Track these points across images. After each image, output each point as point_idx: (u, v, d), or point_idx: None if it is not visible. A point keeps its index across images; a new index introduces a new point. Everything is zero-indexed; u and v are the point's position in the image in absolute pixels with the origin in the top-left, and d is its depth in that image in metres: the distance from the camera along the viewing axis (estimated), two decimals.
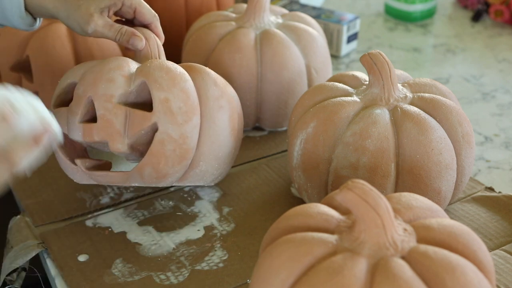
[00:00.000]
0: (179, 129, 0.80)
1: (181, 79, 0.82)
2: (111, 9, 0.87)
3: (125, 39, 0.87)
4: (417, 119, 0.80)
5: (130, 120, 0.80)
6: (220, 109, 0.85)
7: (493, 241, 0.86)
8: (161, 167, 0.81)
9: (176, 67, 0.84)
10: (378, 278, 0.55)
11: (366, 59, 0.84)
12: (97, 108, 0.80)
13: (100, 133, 0.80)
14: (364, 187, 0.59)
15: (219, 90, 0.86)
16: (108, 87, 0.80)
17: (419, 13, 1.57)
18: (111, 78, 0.81)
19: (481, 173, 1.02)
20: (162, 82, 0.81)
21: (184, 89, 0.82)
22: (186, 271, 0.82)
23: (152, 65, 0.83)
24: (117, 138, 0.80)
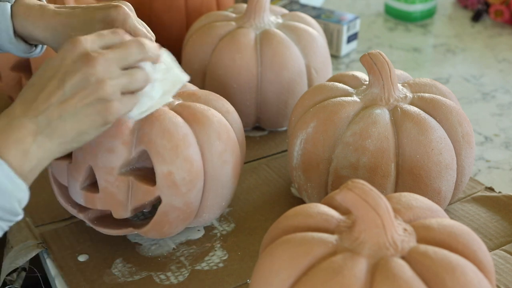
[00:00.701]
0: (183, 199, 0.79)
1: (184, 145, 0.77)
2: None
3: None
4: (417, 119, 0.80)
5: (133, 191, 0.78)
6: (224, 164, 0.81)
7: (493, 241, 0.86)
8: (165, 230, 0.82)
9: (178, 127, 0.78)
10: (378, 278, 0.55)
11: (366, 59, 0.84)
12: (99, 180, 0.77)
13: (103, 204, 0.79)
14: (364, 187, 0.59)
15: (222, 143, 0.81)
16: (109, 159, 0.76)
17: (419, 13, 1.57)
18: (111, 148, 0.76)
19: (481, 173, 1.02)
20: (164, 154, 0.76)
21: (188, 158, 0.77)
22: (186, 271, 0.82)
23: (153, 130, 0.77)
24: (120, 207, 0.79)
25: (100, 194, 0.78)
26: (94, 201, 0.79)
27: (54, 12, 0.80)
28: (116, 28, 0.73)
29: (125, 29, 0.78)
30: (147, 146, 0.77)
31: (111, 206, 0.79)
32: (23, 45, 0.83)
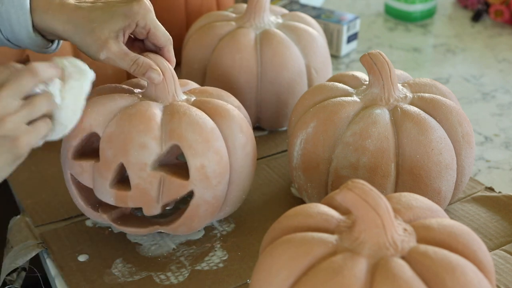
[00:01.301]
0: (213, 192, 0.80)
1: (213, 138, 0.79)
2: (125, 32, 0.81)
3: (141, 72, 0.81)
4: (417, 119, 0.80)
5: (166, 186, 0.78)
6: (246, 156, 0.83)
7: (493, 241, 0.86)
8: (194, 225, 0.83)
9: (205, 121, 0.79)
10: (378, 278, 0.55)
11: (366, 59, 0.84)
12: (131, 178, 0.77)
13: (135, 201, 0.79)
14: (364, 187, 0.59)
15: (244, 136, 0.82)
16: (141, 155, 0.76)
17: (419, 13, 1.57)
18: (143, 144, 0.76)
19: (481, 173, 1.02)
20: (196, 147, 0.77)
21: (218, 150, 0.79)
22: (186, 271, 0.82)
23: (182, 125, 0.78)
24: (151, 204, 0.79)
25: (132, 191, 0.78)
26: (126, 199, 0.79)
27: (75, 6, 0.80)
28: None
29: (146, 23, 0.81)
30: (178, 141, 0.77)
31: (143, 202, 0.79)
32: (40, 41, 0.82)
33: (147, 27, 0.82)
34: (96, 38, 0.79)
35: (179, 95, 0.84)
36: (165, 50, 0.84)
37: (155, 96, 0.82)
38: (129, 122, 0.78)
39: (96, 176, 0.79)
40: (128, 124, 0.77)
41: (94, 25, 0.79)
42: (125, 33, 0.81)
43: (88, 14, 0.80)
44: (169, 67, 0.83)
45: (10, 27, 0.80)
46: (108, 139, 0.78)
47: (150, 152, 0.77)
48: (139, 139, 0.76)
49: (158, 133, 0.77)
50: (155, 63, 0.82)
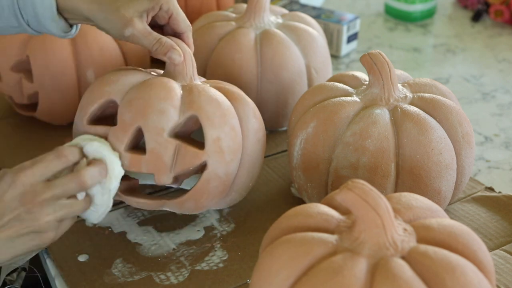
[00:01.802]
0: (225, 167, 0.81)
1: (230, 115, 0.81)
2: (149, 14, 0.83)
3: (163, 51, 0.83)
4: (417, 119, 0.80)
5: (180, 155, 0.79)
6: (257, 142, 0.85)
7: (493, 241, 0.86)
8: (202, 201, 0.83)
9: (223, 99, 0.82)
10: (378, 278, 0.55)
11: (366, 59, 0.84)
12: (148, 141, 0.78)
13: (149, 166, 0.79)
14: (364, 187, 0.59)
15: (257, 122, 0.85)
16: (160, 120, 0.78)
17: (419, 13, 1.57)
18: (162, 109, 0.78)
19: (481, 173, 1.02)
20: (214, 119, 0.79)
21: (233, 127, 0.81)
22: (186, 271, 0.82)
23: (201, 98, 0.80)
24: (164, 172, 0.79)
25: (147, 155, 0.78)
26: (140, 163, 0.79)
27: None
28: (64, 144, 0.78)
29: (169, 8, 0.83)
30: (197, 111, 0.79)
31: (156, 168, 0.79)
32: (63, 24, 0.83)
33: (170, 12, 0.84)
34: (121, 16, 0.81)
35: (195, 79, 0.86)
36: (185, 36, 0.87)
37: (173, 76, 0.84)
38: (150, 89, 0.80)
39: (111, 141, 0.80)
40: (149, 91, 0.79)
41: (118, 4, 0.81)
42: (148, 15, 0.83)
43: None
44: (189, 50, 0.86)
45: (33, 10, 0.81)
46: (128, 103, 0.79)
47: (168, 118, 0.78)
48: (159, 105, 0.78)
49: (178, 103, 0.79)
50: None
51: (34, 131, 1.13)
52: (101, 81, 0.83)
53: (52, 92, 1.06)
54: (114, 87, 0.81)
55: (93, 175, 0.74)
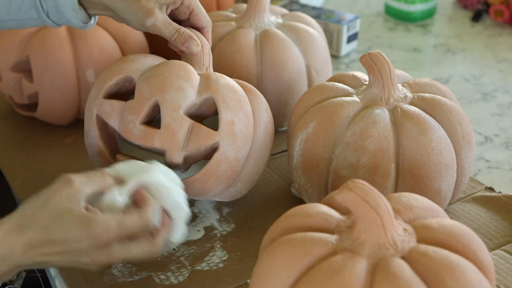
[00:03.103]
0: (236, 152, 0.82)
1: (245, 103, 0.83)
2: (169, 7, 0.85)
3: (181, 41, 0.85)
4: (417, 119, 0.80)
5: (193, 134, 0.80)
6: (267, 136, 0.87)
7: (493, 241, 0.86)
8: (209, 185, 0.83)
9: (238, 88, 0.84)
10: (378, 278, 0.55)
11: (366, 59, 0.84)
12: (163, 116, 0.79)
13: (162, 141, 0.79)
14: (364, 187, 0.59)
15: (268, 115, 0.87)
16: (178, 96, 0.79)
17: (419, 13, 1.57)
18: (181, 87, 0.80)
19: (481, 173, 1.02)
20: (230, 103, 0.81)
21: (247, 113, 0.83)
22: (186, 271, 0.82)
23: (219, 82, 0.82)
24: (176, 149, 0.80)
25: (162, 130, 0.79)
26: (153, 137, 0.79)
27: None
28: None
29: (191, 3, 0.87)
30: (214, 93, 0.81)
31: (169, 144, 0.80)
32: (83, 14, 0.85)
33: (191, 7, 0.86)
34: (142, 6, 0.83)
35: (211, 71, 0.87)
36: (205, 31, 0.89)
37: (191, 64, 0.86)
38: (170, 67, 0.82)
39: (126, 115, 0.81)
40: (169, 69, 0.81)
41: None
42: (168, 8, 0.85)
43: None
44: (207, 43, 0.88)
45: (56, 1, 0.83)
46: (146, 79, 0.81)
47: (186, 96, 0.80)
48: (178, 82, 0.80)
49: (196, 83, 0.82)
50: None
51: (34, 131, 1.13)
52: (120, 60, 0.85)
53: (52, 92, 1.06)
54: (133, 65, 0.83)
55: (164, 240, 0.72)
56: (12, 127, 1.15)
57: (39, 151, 1.07)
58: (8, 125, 1.16)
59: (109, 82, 0.83)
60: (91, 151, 0.86)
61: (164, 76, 0.80)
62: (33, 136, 1.12)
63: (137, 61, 0.84)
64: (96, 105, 0.83)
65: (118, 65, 0.84)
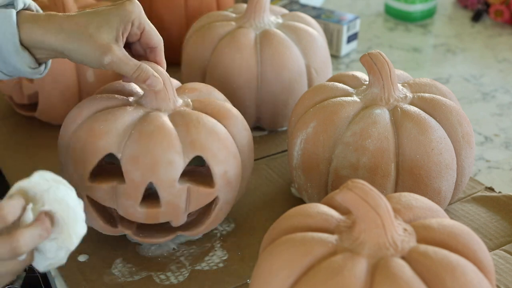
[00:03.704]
0: (233, 193, 0.83)
1: (229, 143, 0.80)
2: (124, 35, 0.78)
3: (143, 78, 0.79)
4: (417, 119, 0.80)
5: (193, 196, 0.79)
6: (250, 152, 0.86)
7: (493, 241, 0.86)
8: (212, 226, 0.86)
9: (218, 127, 0.80)
10: (378, 278, 0.55)
11: (366, 59, 0.84)
12: (162, 195, 0.77)
13: (166, 216, 0.80)
14: (364, 187, 0.59)
15: (247, 132, 0.85)
16: (170, 171, 0.76)
17: (419, 13, 1.57)
18: (170, 160, 0.76)
19: (481, 173, 1.02)
20: (219, 155, 0.79)
21: (235, 155, 0.81)
22: (186, 271, 0.82)
23: (201, 135, 0.78)
24: (180, 216, 0.80)
25: (164, 207, 0.79)
26: (157, 216, 0.79)
27: (64, 15, 0.77)
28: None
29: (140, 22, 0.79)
30: (202, 152, 0.78)
31: (173, 216, 0.80)
32: (28, 58, 0.77)
33: (142, 26, 0.80)
34: (98, 44, 0.76)
35: (177, 100, 0.83)
36: (158, 50, 0.83)
37: (156, 105, 0.81)
38: (150, 140, 0.76)
39: (122, 198, 0.78)
40: (150, 143, 0.76)
41: (90, 31, 0.76)
42: (123, 37, 0.78)
43: (81, 20, 0.77)
44: (166, 73, 0.82)
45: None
46: (133, 160, 0.76)
47: (176, 167, 0.77)
48: (166, 157, 0.76)
49: (180, 147, 0.77)
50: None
51: (34, 131, 1.13)
52: (91, 135, 0.77)
53: (52, 92, 1.06)
54: (108, 139, 0.77)
55: (31, 239, 0.61)
56: (12, 127, 1.15)
57: (39, 151, 1.07)
58: (8, 125, 1.16)
59: (90, 167, 0.77)
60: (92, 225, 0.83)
61: (150, 154, 0.76)
62: (33, 136, 1.12)
63: (110, 133, 0.77)
64: (85, 189, 0.79)
65: (92, 144, 0.77)
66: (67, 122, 0.82)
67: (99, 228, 0.83)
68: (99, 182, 0.79)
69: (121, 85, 0.87)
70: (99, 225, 0.83)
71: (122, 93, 0.85)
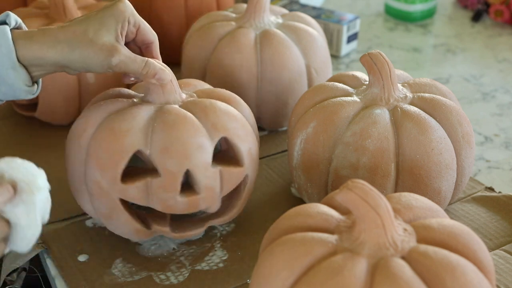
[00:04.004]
0: (256, 171, 0.85)
1: (245, 122, 0.83)
2: (122, 34, 0.78)
3: (152, 73, 0.78)
4: (417, 119, 0.80)
5: (225, 178, 0.80)
6: (256, 130, 0.87)
7: (493, 241, 0.86)
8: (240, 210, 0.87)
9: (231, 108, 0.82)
10: (378, 278, 0.55)
11: (366, 59, 0.84)
12: (199, 180, 0.78)
13: (206, 202, 0.80)
14: (364, 187, 0.59)
15: (251, 112, 0.87)
16: (202, 155, 0.77)
17: (419, 13, 1.57)
18: (200, 144, 0.77)
19: (481, 173, 1.02)
20: (241, 134, 0.81)
21: (251, 132, 0.83)
22: (186, 271, 0.82)
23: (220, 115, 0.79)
24: (216, 200, 0.81)
25: (204, 193, 0.79)
26: (197, 203, 0.79)
27: (58, 27, 0.77)
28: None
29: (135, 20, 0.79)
30: (225, 133, 0.79)
31: (211, 201, 0.80)
32: (25, 74, 0.75)
33: (137, 24, 0.80)
34: (100, 47, 0.75)
35: (181, 93, 0.84)
36: (154, 46, 0.83)
37: (164, 99, 0.81)
38: (176, 129, 0.77)
39: (159, 192, 0.77)
40: (177, 131, 0.76)
41: (90, 36, 0.75)
42: (122, 35, 0.78)
43: (77, 28, 0.76)
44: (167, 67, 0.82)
45: None
46: (164, 151, 0.76)
47: (207, 150, 0.78)
48: (196, 141, 0.77)
49: (204, 131, 0.78)
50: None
51: (34, 131, 1.13)
52: (113, 136, 0.76)
53: (52, 92, 1.06)
54: (133, 136, 0.76)
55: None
56: (12, 127, 1.15)
57: (39, 151, 1.07)
58: (8, 125, 1.16)
59: (119, 169, 0.76)
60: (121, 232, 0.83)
61: (180, 142, 0.76)
62: (33, 136, 1.12)
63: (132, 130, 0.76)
64: (118, 192, 0.77)
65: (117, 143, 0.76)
66: (76, 133, 0.81)
67: (134, 234, 0.82)
68: (131, 182, 0.78)
69: (117, 91, 0.86)
70: (134, 229, 0.81)
71: (122, 96, 0.85)
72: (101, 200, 0.79)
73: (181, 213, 0.80)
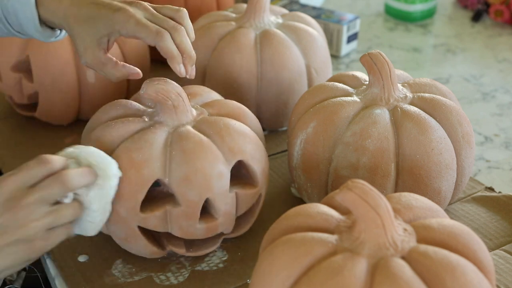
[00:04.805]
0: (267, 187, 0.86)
1: (256, 139, 0.82)
2: (110, 38, 0.81)
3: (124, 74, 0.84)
4: (417, 119, 0.80)
5: (240, 200, 0.81)
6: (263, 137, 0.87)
7: (493, 241, 0.86)
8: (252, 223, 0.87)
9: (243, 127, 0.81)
10: (378, 278, 0.55)
11: (366, 59, 0.84)
12: (218, 207, 0.78)
13: (224, 226, 0.81)
14: (364, 187, 0.59)
15: (258, 122, 0.87)
16: (221, 184, 0.77)
17: (419, 13, 1.57)
18: (220, 173, 0.76)
19: (481, 173, 1.02)
20: (255, 155, 0.81)
21: (262, 148, 0.83)
22: (186, 272, 0.82)
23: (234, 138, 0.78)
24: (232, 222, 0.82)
25: (221, 218, 0.79)
26: (216, 228, 0.80)
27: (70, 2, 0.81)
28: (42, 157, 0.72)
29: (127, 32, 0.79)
30: (242, 157, 0.79)
31: (229, 224, 0.81)
32: (48, 32, 0.84)
33: (130, 35, 0.80)
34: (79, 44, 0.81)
35: (192, 109, 0.83)
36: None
37: (178, 120, 0.80)
38: (195, 157, 0.76)
39: (179, 221, 0.78)
40: (197, 160, 0.76)
41: (80, 29, 0.80)
42: (110, 39, 0.81)
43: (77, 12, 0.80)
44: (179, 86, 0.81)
45: (18, 21, 0.83)
46: (184, 181, 0.76)
47: (225, 177, 0.78)
48: (216, 170, 0.76)
49: (222, 156, 0.77)
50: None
51: (34, 131, 1.13)
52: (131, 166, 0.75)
53: (52, 92, 1.06)
54: (151, 166, 0.75)
55: (77, 175, 0.69)
56: (12, 127, 1.15)
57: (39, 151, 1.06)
58: (8, 125, 1.16)
59: (140, 198, 0.76)
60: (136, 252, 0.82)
61: (201, 172, 0.75)
62: (33, 136, 1.12)
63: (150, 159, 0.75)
64: (137, 221, 0.77)
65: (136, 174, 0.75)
66: None
67: (148, 255, 0.82)
68: (150, 211, 0.77)
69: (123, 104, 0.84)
70: (150, 251, 0.81)
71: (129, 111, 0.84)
72: (117, 226, 0.78)
73: (200, 238, 0.80)
